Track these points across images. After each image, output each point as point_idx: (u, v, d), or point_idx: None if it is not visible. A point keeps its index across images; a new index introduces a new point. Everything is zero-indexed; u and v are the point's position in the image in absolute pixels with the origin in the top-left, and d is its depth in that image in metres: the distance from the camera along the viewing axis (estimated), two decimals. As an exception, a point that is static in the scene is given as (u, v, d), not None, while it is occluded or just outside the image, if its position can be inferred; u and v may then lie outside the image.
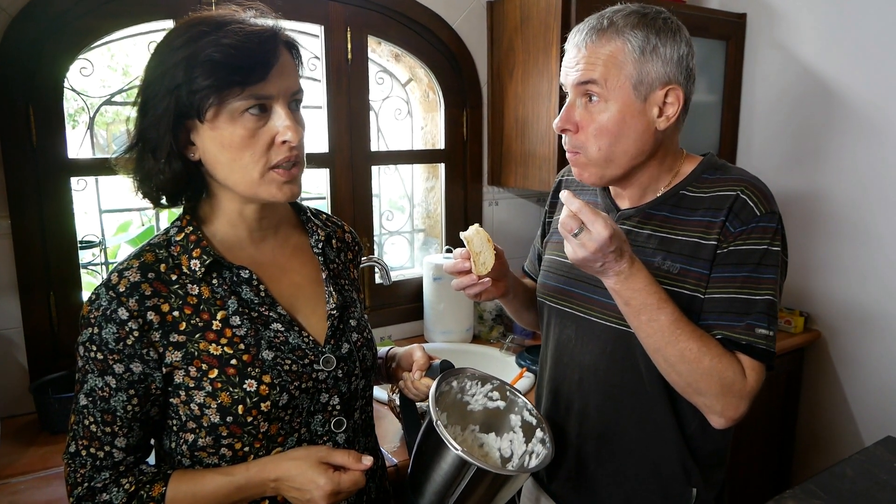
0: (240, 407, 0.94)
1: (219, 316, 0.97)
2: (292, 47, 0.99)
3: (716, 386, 1.05)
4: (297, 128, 0.95)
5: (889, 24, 2.21)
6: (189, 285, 0.97)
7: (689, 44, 1.12)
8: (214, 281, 0.98)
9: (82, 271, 1.83)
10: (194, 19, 0.94)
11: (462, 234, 1.17)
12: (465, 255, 1.18)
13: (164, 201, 1.00)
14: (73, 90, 1.78)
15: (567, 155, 1.19)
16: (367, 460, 0.98)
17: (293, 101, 0.97)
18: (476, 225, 1.17)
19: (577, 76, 1.12)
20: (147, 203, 1.00)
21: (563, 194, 1.03)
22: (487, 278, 1.18)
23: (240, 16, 0.95)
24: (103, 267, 1.98)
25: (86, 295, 1.81)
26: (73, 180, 1.76)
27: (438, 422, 1.01)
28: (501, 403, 1.19)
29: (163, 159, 0.93)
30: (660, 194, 1.18)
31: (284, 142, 0.94)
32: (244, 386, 0.95)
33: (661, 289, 1.06)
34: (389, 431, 1.69)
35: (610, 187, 1.26)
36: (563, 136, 1.17)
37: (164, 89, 0.90)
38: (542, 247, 1.43)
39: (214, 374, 0.94)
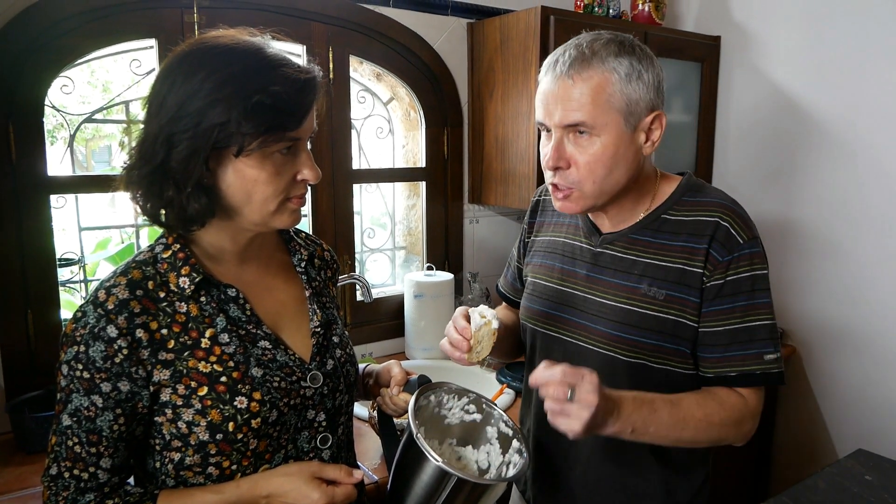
0: (230, 424, 0.94)
1: (207, 334, 0.97)
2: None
3: (732, 430, 1.12)
4: (316, 167, 0.99)
5: (859, 46, 2.29)
6: (177, 303, 0.96)
7: (661, 68, 1.13)
8: (203, 299, 0.98)
9: (61, 289, 1.81)
10: (228, 49, 0.92)
11: (471, 311, 1.16)
12: (466, 335, 1.15)
13: (171, 224, 0.97)
14: (54, 107, 1.78)
15: (554, 193, 1.16)
16: (358, 474, 1.01)
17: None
18: (488, 313, 1.16)
19: (563, 116, 1.08)
20: (127, 221, 1.00)
21: (539, 372, 1.00)
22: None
23: (282, 55, 0.95)
24: (82, 285, 1.96)
25: (64, 313, 1.80)
26: (53, 198, 1.75)
27: (418, 434, 1.01)
28: (478, 416, 1.20)
29: (188, 189, 0.91)
30: (641, 218, 1.18)
31: (303, 179, 0.98)
32: (234, 403, 0.95)
33: (641, 395, 1.06)
34: (370, 448, 1.69)
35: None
36: (552, 174, 1.13)
37: (201, 124, 0.88)
38: (522, 266, 1.40)
39: (204, 391, 0.94)
